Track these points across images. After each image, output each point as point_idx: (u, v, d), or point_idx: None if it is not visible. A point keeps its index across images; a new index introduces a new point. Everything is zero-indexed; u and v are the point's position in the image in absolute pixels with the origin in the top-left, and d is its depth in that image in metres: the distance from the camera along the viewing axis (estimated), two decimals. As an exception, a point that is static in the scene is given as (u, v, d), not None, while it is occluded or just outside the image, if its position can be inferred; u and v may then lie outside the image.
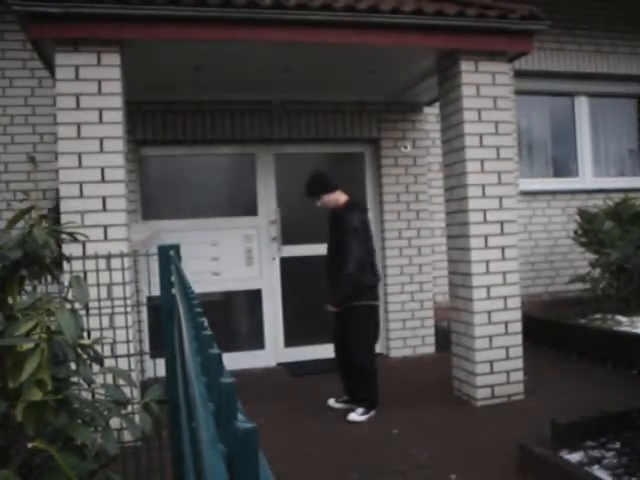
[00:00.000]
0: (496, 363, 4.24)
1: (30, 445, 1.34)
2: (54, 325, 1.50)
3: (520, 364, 4.30)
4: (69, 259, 2.05)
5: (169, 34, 3.70)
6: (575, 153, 7.11)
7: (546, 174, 7.06)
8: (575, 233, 6.27)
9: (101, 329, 2.57)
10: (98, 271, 2.73)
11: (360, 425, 3.94)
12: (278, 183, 5.75)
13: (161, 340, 2.39)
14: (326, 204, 4.26)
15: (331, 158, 6.11)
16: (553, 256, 6.70)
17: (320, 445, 3.62)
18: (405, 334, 5.85)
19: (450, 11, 4.04)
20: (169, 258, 2.41)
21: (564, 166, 7.15)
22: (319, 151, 5.95)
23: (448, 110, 4.50)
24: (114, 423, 1.64)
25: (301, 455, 3.45)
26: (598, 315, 5.78)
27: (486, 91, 4.28)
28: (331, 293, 4.18)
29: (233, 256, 5.61)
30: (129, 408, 1.86)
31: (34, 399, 1.38)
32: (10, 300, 1.66)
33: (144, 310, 4.48)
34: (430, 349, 5.88)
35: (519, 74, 6.50)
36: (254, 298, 5.70)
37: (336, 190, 4.24)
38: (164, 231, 5.24)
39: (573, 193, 6.83)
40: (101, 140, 3.64)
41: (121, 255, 2.85)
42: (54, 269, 1.74)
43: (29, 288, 1.80)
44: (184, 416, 1.45)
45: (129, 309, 3.14)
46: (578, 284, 6.18)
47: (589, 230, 6.06)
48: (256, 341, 5.68)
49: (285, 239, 5.69)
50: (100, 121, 3.64)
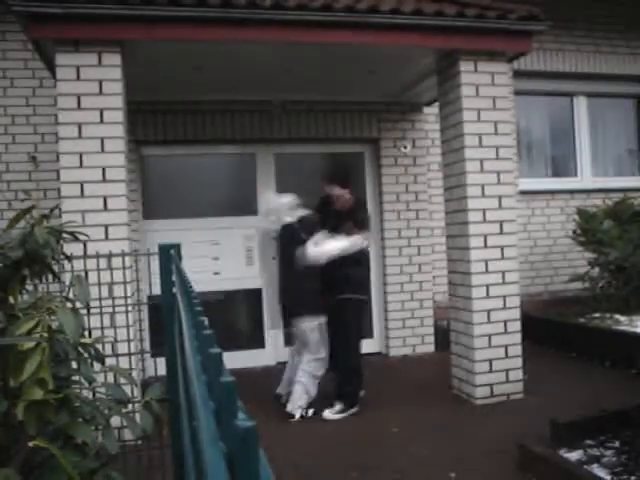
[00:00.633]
0: (495, 362, 4.25)
1: (31, 444, 1.34)
2: (55, 324, 1.50)
3: (519, 363, 4.31)
4: (70, 258, 2.06)
5: (169, 34, 3.71)
6: (574, 153, 7.10)
7: (545, 174, 7.06)
8: (574, 232, 6.27)
9: (102, 328, 2.58)
10: (99, 270, 2.74)
11: (360, 424, 3.95)
12: (278, 183, 5.75)
13: (162, 339, 2.40)
14: (338, 197, 4.24)
15: (331, 158, 6.12)
16: (552, 255, 6.70)
17: (320, 443, 3.64)
18: (405, 333, 5.86)
19: (449, 11, 4.04)
20: (170, 257, 2.41)
21: (563, 166, 7.15)
22: (319, 151, 5.96)
23: (447, 110, 4.51)
24: (115, 422, 1.64)
25: (301, 453, 3.46)
26: (597, 314, 5.78)
27: (485, 91, 4.29)
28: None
29: (233, 255, 5.62)
30: (130, 407, 1.87)
31: (35, 398, 1.38)
32: (11, 299, 1.66)
33: (145, 309, 4.49)
34: (430, 348, 5.89)
35: (518, 74, 6.49)
36: (254, 297, 5.71)
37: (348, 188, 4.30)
38: (164, 230, 5.26)
39: (572, 193, 6.83)
40: (102, 140, 3.65)
41: (122, 254, 2.86)
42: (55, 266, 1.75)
43: (30, 287, 1.80)
44: (185, 415, 1.46)
45: (130, 308, 3.15)
46: (577, 283, 6.19)
47: (588, 229, 6.06)
48: (256, 340, 5.69)
49: (285, 238, 5.69)
50: (101, 121, 3.65)
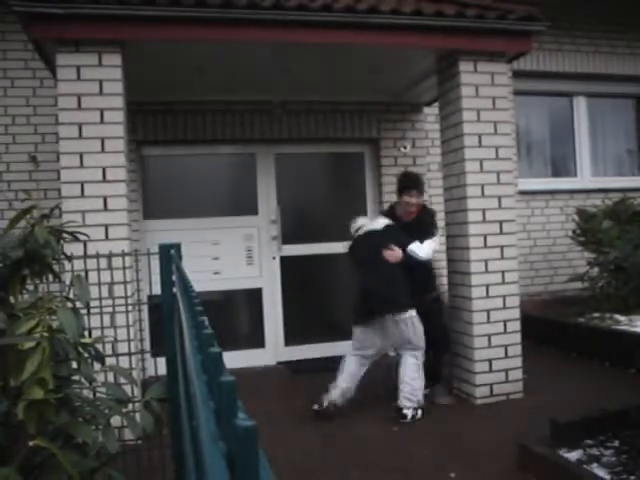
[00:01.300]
0: (495, 361, 4.25)
1: (31, 443, 1.35)
2: (55, 324, 1.50)
3: (519, 363, 4.31)
4: (70, 258, 2.06)
5: (170, 35, 3.71)
6: (574, 153, 7.11)
7: (545, 174, 7.06)
8: (574, 232, 6.27)
9: (102, 328, 2.59)
10: (99, 270, 2.75)
11: (360, 423, 3.95)
12: (278, 182, 5.76)
13: (162, 339, 2.40)
14: (416, 204, 4.32)
15: (331, 158, 6.13)
16: (552, 255, 6.70)
17: (320, 443, 3.64)
18: (404, 333, 5.85)
19: (449, 12, 4.05)
20: (170, 257, 2.42)
21: (563, 166, 7.15)
22: (319, 151, 5.96)
23: (447, 110, 4.52)
24: (115, 421, 1.65)
25: (301, 453, 3.46)
26: (597, 314, 5.78)
27: (485, 91, 4.29)
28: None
29: (234, 255, 5.62)
30: (130, 406, 1.87)
31: (35, 397, 1.38)
32: (12, 299, 1.67)
33: (145, 309, 4.50)
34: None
35: (518, 74, 6.49)
36: (254, 297, 5.71)
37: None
38: (164, 230, 5.27)
39: (572, 193, 6.83)
40: (102, 140, 3.65)
41: (122, 254, 2.87)
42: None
43: (31, 287, 1.81)
44: (185, 414, 1.46)
45: (130, 308, 3.16)
46: (577, 283, 6.19)
47: (588, 229, 6.06)
48: (256, 340, 5.68)
49: (285, 238, 5.70)
50: (101, 121, 3.65)
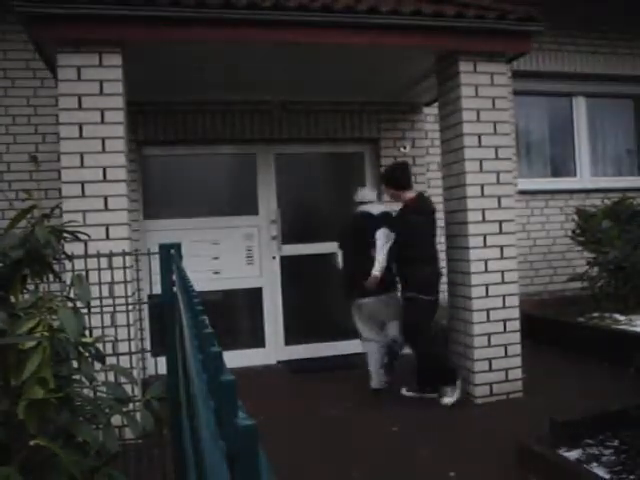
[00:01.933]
0: (495, 361, 4.26)
1: (32, 443, 1.35)
2: (56, 323, 1.50)
3: (518, 362, 4.32)
4: (71, 258, 2.07)
5: (170, 35, 3.72)
6: (573, 153, 7.11)
7: (544, 174, 7.05)
8: (573, 232, 6.27)
9: (103, 327, 2.59)
10: (100, 270, 2.75)
11: (360, 423, 3.96)
12: (278, 182, 5.76)
13: (162, 338, 2.41)
14: (392, 196, 4.67)
15: (331, 158, 6.13)
16: (551, 255, 6.71)
17: (320, 443, 3.64)
18: (404, 333, 5.85)
19: (449, 12, 4.05)
20: (170, 257, 2.42)
21: (562, 166, 7.15)
22: (319, 151, 5.97)
23: (447, 110, 4.52)
24: (115, 421, 1.65)
25: (301, 453, 3.46)
26: (596, 314, 5.78)
27: (485, 91, 4.30)
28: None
29: (234, 255, 5.63)
30: (130, 406, 1.87)
31: (36, 397, 1.38)
32: (12, 299, 1.67)
33: (145, 308, 4.50)
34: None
35: (518, 74, 6.49)
36: (254, 296, 5.71)
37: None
38: (165, 230, 5.27)
39: (571, 193, 6.83)
40: (103, 140, 3.66)
41: (123, 254, 2.87)
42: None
43: (31, 287, 1.81)
44: (185, 414, 1.47)
45: (130, 307, 3.16)
46: (576, 283, 6.19)
47: (587, 229, 6.06)
48: (256, 339, 5.69)
49: (285, 238, 5.71)
50: (102, 121, 3.66)
